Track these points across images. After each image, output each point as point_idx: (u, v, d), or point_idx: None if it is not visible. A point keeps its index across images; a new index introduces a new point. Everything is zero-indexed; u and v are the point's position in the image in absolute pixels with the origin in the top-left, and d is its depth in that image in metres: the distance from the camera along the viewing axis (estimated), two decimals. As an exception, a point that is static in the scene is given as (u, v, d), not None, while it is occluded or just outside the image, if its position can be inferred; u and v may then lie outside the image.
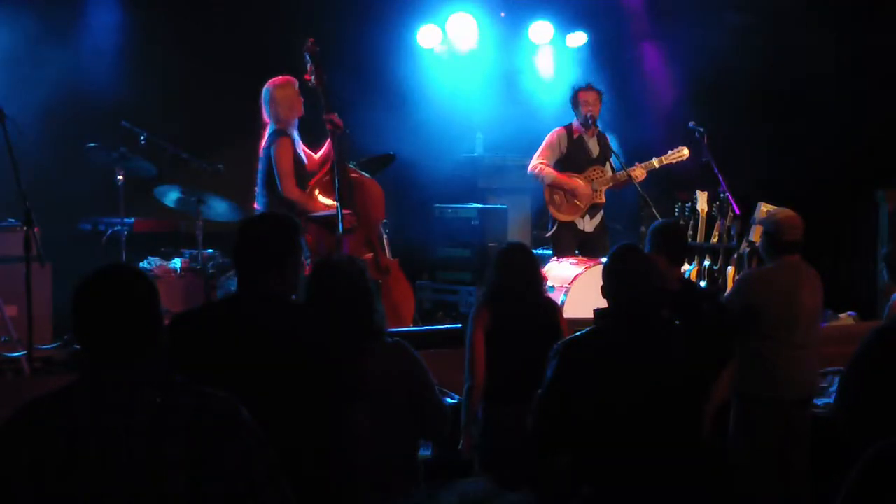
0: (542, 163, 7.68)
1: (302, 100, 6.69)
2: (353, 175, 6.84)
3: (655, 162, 7.62)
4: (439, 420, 4.03)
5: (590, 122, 7.58)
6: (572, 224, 7.73)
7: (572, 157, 7.71)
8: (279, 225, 3.48)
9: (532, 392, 3.93)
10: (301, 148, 6.74)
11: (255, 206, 6.75)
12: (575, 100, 7.66)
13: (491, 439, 4.79)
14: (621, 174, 7.60)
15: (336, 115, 6.70)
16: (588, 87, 7.67)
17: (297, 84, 6.70)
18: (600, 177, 7.69)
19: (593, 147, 7.74)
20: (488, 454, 4.77)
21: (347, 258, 4.26)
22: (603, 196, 7.72)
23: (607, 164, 7.75)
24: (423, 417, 3.98)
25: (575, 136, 7.70)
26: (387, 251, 7.09)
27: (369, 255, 6.70)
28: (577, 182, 7.64)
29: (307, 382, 3.25)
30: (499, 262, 4.95)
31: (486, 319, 4.81)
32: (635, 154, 7.88)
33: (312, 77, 6.73)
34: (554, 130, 7.78)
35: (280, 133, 6.59)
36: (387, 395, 3.78)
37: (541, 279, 5.09)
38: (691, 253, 7.42)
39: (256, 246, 3.39)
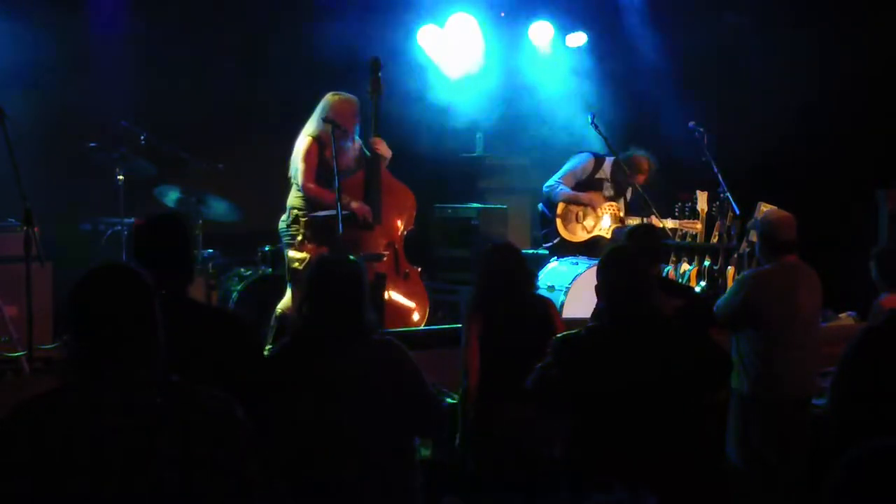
0: (561, 184, 7.76)
1: (357, 120, 6.73)
2: (388, 180, 6.90)
3: (669, 224, 7.58)
4: (433, 415, 3.91)
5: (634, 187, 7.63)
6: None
7: (588, 186, 7.83)
8: (169, 224, 3.64)
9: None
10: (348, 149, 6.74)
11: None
12: (632, 166, 7.62)
13: (486, 437, 4.78)
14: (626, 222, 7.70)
15: (382, 141, 6.81)
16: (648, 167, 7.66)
17: (357, 105, 6.73)
18: (615, 215, 7.77)
19: (609, 188, 7.87)
20: (483, 452, 4.77)
21: (345, 258, 4.18)
22: (610, 233, 7.80)
23: (621, 200, 7.87)
24: (415, 413, 3.87)
25: (597, 173, 7.81)
26: None
27: (387, 253, 6.75)
28: (594, 195, 7.73)
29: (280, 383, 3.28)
30: (486, 265, 4.93)
31: (480, 323, 4.79)
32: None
33: (371, 92, 6.86)
34: (585, 160, 7.85)
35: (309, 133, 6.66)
36: (373, 390, 3.71)
37: (530, 276, 5.07)
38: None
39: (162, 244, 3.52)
